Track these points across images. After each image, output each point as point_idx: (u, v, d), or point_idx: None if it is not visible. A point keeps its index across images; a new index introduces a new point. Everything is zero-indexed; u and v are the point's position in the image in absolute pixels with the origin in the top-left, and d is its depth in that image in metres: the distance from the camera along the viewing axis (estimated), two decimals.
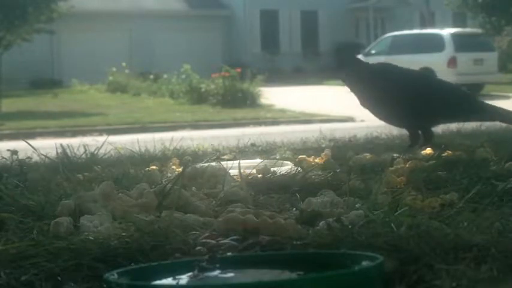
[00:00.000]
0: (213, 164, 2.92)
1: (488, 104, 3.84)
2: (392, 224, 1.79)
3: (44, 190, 2.52)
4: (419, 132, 3.77)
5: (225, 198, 2.33)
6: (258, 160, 3.24)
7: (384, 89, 3.73)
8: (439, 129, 4.68)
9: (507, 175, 2.58)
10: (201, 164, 2.96)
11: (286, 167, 2.95)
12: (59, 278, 1.64)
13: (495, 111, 3.78)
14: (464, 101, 3.84)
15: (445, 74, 17.51)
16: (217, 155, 3.77)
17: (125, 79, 24.41)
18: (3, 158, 3.44)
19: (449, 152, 3.33)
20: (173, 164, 3.24)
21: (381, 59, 18.43)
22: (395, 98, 3.75)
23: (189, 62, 22.64)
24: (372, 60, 5.15)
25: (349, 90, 3.88)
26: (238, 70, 20.87)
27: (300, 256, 1.57)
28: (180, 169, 2.88)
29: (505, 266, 1.56)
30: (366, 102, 3.79)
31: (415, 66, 8.30)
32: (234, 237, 1.77)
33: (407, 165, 2.85)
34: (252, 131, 11.47)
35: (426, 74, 3.97)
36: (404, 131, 4.07)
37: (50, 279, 1.64)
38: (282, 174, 2.79)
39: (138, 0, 32.14)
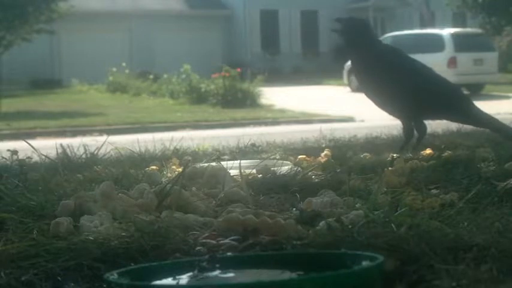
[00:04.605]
0: (213, 164, 2.92)
1: (482, 111, 3.78)
2: (392, 224, 1.79)
3: (44, 190, 2.53)
4: (412, 124, 3.73)
5: (225, 198, 2.33)
6: (258, 160, 3.23)
7: (385, 72, 3.68)
8: (439, 129, 4.68)
9: (507, 175, 2.58)
10: (201, 164, 2.96)
11: (286, 167, 2.95)
12: (59, 278, 1.64)
13: (487, 119, 3.71)
14: (459, 97, 3.81)
15: (445, 74, 17.27)
16: (217, 155, 3.77)
17: (124, 79, 24.40)
18: (3, 158, 3.44)
19: (449, 152, 3.33)
20: (173, 164, 3.24)
21: None
22: (393, 83, 3.70)
23: (189, 62, 22.62)
24: None
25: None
26: (238, 70, 20.85)
27: (300, 256, 1.57)
28: (180, 169, 2.88)
29: (505, 266, 1.56)
30: (365, 82, 3.73)
31: None
32: (234, 237, 1.77)
33: (407, 165, 2.85)
34: (252, 131, 11.45)
35: (428, 67, 3.90)
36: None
37: (50, 279, 1.64)
38: (282, 174, 2.79)
39: (138, 0, 32.13)
